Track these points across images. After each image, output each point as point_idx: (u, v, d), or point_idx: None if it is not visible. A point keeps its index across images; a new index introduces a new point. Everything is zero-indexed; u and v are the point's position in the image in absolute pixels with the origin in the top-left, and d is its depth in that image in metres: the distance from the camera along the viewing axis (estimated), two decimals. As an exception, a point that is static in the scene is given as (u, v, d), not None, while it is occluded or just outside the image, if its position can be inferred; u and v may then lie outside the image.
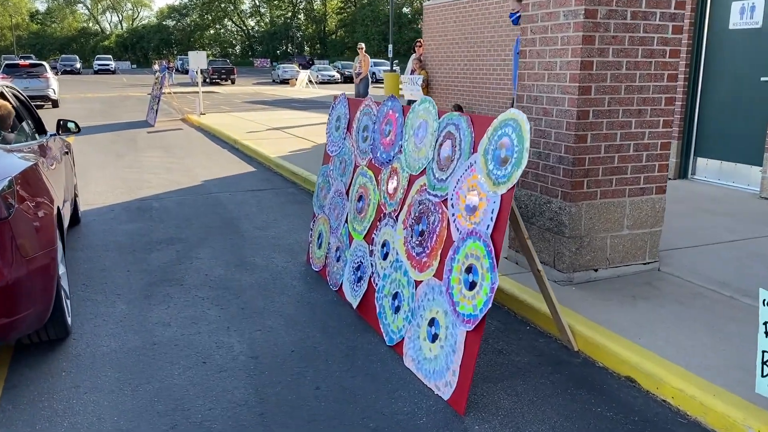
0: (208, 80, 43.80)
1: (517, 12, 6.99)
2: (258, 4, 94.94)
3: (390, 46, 27.82)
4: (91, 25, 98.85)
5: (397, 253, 3.55)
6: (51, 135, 5.44)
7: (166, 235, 5.85)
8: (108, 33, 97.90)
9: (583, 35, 3.72)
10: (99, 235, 5.89)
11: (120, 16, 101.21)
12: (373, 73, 41.36)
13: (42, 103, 22.80)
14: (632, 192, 4.06)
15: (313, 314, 4.00)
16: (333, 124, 4.82)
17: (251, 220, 6.37)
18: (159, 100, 16.85)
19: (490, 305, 2.68)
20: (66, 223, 4.85)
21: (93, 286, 4.57)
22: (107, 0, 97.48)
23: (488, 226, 2.77)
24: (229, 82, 43.55)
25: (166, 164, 9.84)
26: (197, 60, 18.30)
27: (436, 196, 3.25)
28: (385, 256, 3.70)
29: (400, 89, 27.52)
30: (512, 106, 7.74)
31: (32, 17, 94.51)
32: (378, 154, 3.99)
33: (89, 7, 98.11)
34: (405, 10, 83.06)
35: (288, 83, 41.92)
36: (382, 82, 28.26)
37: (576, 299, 3.78)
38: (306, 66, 55.77)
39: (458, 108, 11.22)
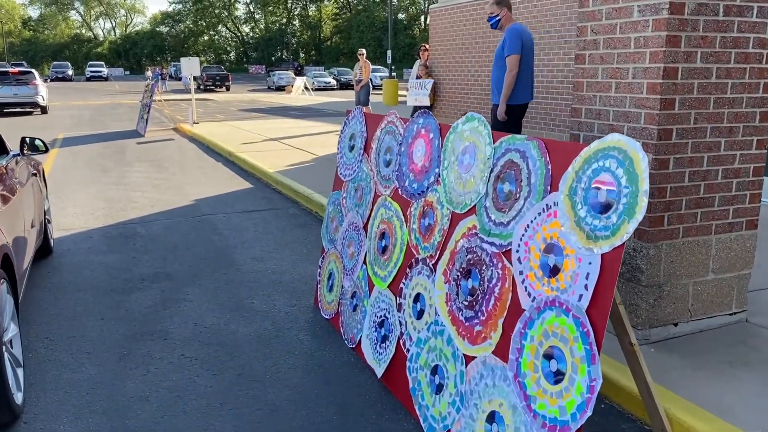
0: (202, 87, 43.03)
1: (496, 15, 6.37)
2: (252, 10, 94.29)
3: (389, 52, 27.11)
4: (84, 31, 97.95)
5: (436, 313, 2.78)
6: (13, 155, 4.64)
7: (151, 270, 5.06)
8: (101, 39, 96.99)
9: (667, 35, 2.96)
10: (72, 269, 5.09)
11: (113, 22, 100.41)
12: (370, 80, 40.72)
13: (31, 110, 22.45)
14: (719, 228, 3.30)
15: (326, 384, 3.21)
16: (346, 143, 4.04)
17: (248, 249, 5.58)
18: (149, 109, 16.05)
19: (589, 411, 1.90)
20: (27, 260, 4.06)
21: (58, 341, 3.77)
22: (100, 6, 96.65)
23: (581, 296, 2.00)
24: (224, 89, 42.79)
25: (154, 180, 9.04)
26: (190, 67, 17.55)
27: (492, 244, 2.48)
28: (419, 315, 2.92)
29: (400, 96, 26.79)
30: (495, 120, 6.96)
31: (25, 24, 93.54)
32: (406, 183, 3.22)
33: (82, 13, 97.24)
34: (400, 16, 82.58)
35: (284, 90, 41.19)
36: (380, 89, 27.55)
37: (660, 367, 3.01)
38: (298, 72, 54.93)
39: (469, 117, 10.48)
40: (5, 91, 21.15)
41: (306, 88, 38.24)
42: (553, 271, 2.14)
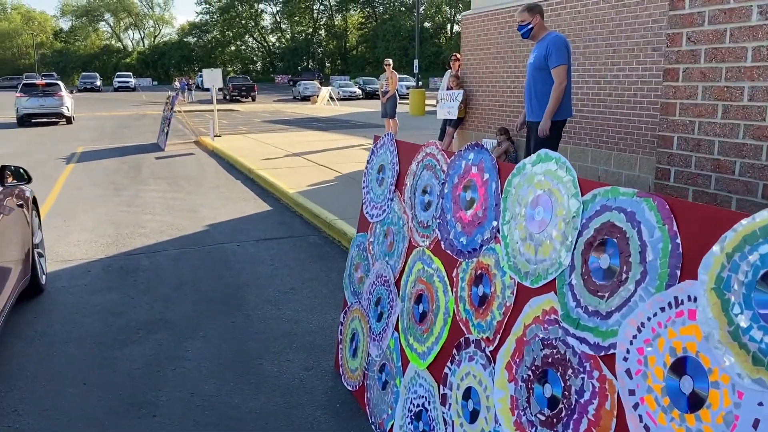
0: (228, 97, 42.96)
1: (528, 23, 5.62)
2: (279, 20, 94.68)
3: (416, 62, 26.47)
4: (113, 42, 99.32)
5: (496, 421, 2.06)
6: (-7, 186, 4.06)
7: (149, 315, 4.41)
8: (130, 50, 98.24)
9: (806, 44, 2.21)
10: (62, 314, 4.47)
11: (142, 33, 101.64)
12: (396, 90, 40.12)
13: (57, 120, 23.15)
14: None
15: (349, 493, 2.51)
16: (374, 176, 3.35)
17: (261, 289, 4.91)
18: (170, 122, 15.60)
19: None
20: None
21: (29, 413, 3.13)
22: (129, 17, 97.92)
23: (749, 457, 1.27)
24: (250, 99, 42.62)
25: (168, 201, 8.46)
26: (212, 78, 17.09)
27: (583, 341, 1.75)
28: (471, 417, 2.21)
29: (427, 106, 26.15)
30: (527, 137, 6.23)
31: (56, 35, 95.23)
32: (451, 236, 2.51)
33: (112, 24, 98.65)
34: (426, 24, 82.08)
35: (309, 100, 40.81)
36: (406, 98, 26.89)
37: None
38: (320, 82, 54.59)
39: (504, 132, 9.73)
40: (33, 102, 21.92)
41: (331, 98, 37.81)
42: (693, 404, 1.41)
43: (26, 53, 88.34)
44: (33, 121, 22.60)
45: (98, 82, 60.60)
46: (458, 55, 11.41)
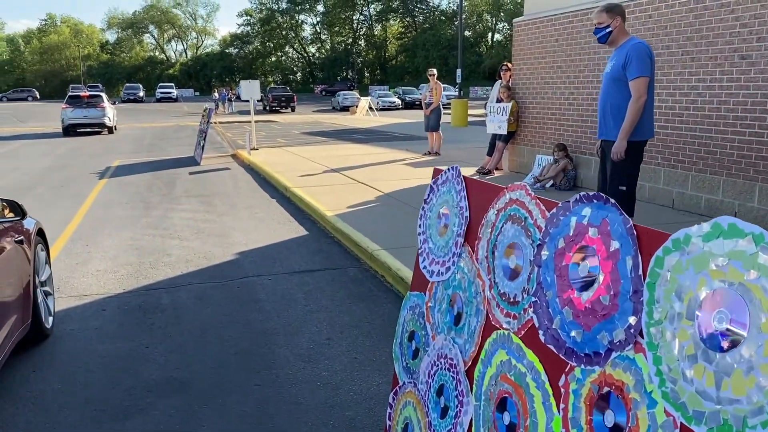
0: (268, 108, 42.96)
1: (607, 26, 4.84)
2: (319, 30, 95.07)
3: (458, 71, 25.71)
4: (157, 54, 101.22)
5: None
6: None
7: (163, 373, 3.76)
8: (173, 61, 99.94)
9: None
10: (64, 366, 3.86)
11: (185, 44, 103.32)
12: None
13: (99, 130, 24.22)
14: None
15: None
16: (433, 221, 2.62)
17: (293, 339, 4.22)
18: (206, 135, 15.20)
19: None
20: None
21: None
22: (173, 29, 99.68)
23: None
24: (289, 109, 42.51)
25: (198, 223, 7.89)
26: (250, 89, 16.69)
27: None
28: None
29: (470, 117, 25.31)
30: (601, 159, 5.40)
31: (102, 47, 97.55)
32: (556, 324, 1.76)
33: (156, 36, 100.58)
34: (466, 33, 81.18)
35: (348, 110, 40.43)
36: (447, 108, 26.08)
37: None
38: (350, 90, 54.16)
39: (562, 149, 8.89)
40: (77, 113, 23.30)
41: (371, 108, 37.32)
42: None
43: (74, 65, 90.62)
44: (78, 131, 23.76)
45: (141, 93, 61.53)
46: (509, 65, 10.63)
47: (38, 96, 73.54)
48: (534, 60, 9.82)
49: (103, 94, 25.89)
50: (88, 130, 24.11)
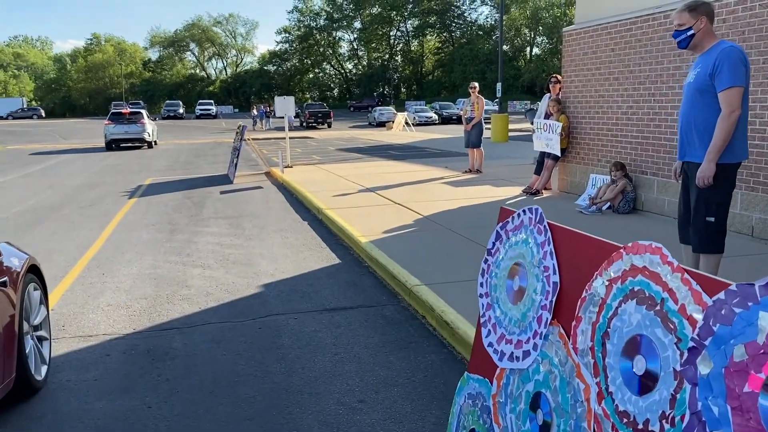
0: (304, 124, 42.90)
1: (689, 28, 4.13)
2: (356, 47, 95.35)
3: (499, 85, 24.95)
4: (197, 71, 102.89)
5: None
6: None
7: (162, 444, 3.14)
8: (213, 79, 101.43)
9: None
10: (50, 431, 3.27)
11: (225, 62, 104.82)
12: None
13: (140, 145, 25.50)
14: None
15: None
16: (502, 281, 1.93)
17: (319, 400, 3.55)
18: (239, 153, 14.78)
19: None
20: None
21: None
22: (213, 47, 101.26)
23: None
24: (326, 125, 42.32)
25: (224, 249, 7.32)
26: (284, 106, 16.25)
27: None
28: None
29: (510, 132, 24.48)
30: (682, 184, 4.61)
31: (145, 65, 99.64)
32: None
33: (196, 54, 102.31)
34: (504, 47, 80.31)
35: (384, 126, 39.99)
36: (487, 123, 25.31)
37: None
38: (379, 105, 53.46)
39: (620, 168, 8.08)
40: (119, 129, 24.73)
41: (407, 123, 36.79)
42: None
43: (117, 82, 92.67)
44: (121, 145, 25.23)
45: (181, 110, 62.32)
46: (559, 77, 9.87)
47: (43, 114, 75.57)
48: (587, 71, 9.05)
49: (143, 111, 27.29)
50: (129, 144, 25.34)
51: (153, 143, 25.84)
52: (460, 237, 6.97)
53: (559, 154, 9.36)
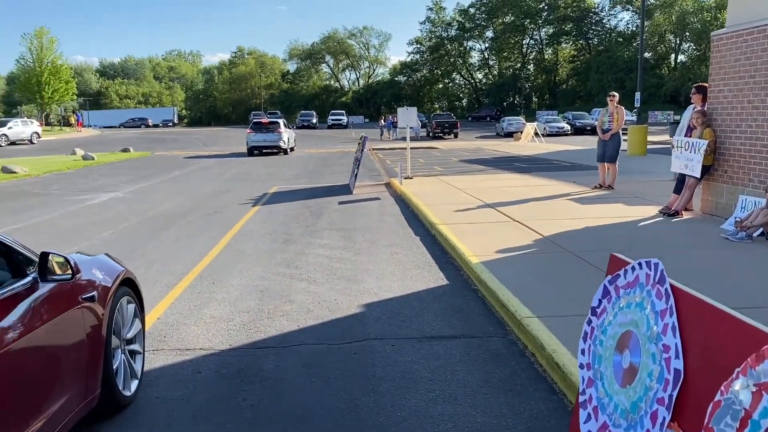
0: (431, 134, 42.86)
1: None
2: (487, 56, 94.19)
3: (638, 94, 23.32)
4: (332, 82, 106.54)
5: None
6: (32, 278, 2.90)
7: (231, 481, 2.93)
8: (346, 90, 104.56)
9: None
10: (126, 456, 3.18)
11: (357, 73, 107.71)
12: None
13: (277, 152, 28.18)
14: None
15: None
16: (609, 351, 1.48)
17: (406, 446, 3.20)
18: (359, 163, 14.82)
19: None
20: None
21: None
22: (347, 59, 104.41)
23: None
24: (452, 136, 42.01)
25: (333, 262, 7.20)
26: (407, 117, 16.12)
27: None
28: None
29: (649, 145, 22.74)
30: None
31: (283, 77, 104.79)
32: None
33: (331, 66, 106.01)
34: (646, 54, 75.64)
35: (512, 137, 38.94)
36: (623, 134, 23.69)
37: None
38: (494, 117, 51.47)
39: (778, 189, 7.01)
40: (258, 137, 27.79)
41: (536, 134, 35.53)
42: None
43: (257, 93, 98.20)
44: (263, 151, 28.20)
45: (314, 120, 64.67)
46: (706, 85, 8.84)
47: (150, 123, 79.99)
48: (738, 79, 8.01)
49: (281, 121, 30.20)
50: (267, 151, 28.21)
51: (288, 150, 28.31)
52: (582, 262, 6.32)
53: (698, 176, 8.36)
